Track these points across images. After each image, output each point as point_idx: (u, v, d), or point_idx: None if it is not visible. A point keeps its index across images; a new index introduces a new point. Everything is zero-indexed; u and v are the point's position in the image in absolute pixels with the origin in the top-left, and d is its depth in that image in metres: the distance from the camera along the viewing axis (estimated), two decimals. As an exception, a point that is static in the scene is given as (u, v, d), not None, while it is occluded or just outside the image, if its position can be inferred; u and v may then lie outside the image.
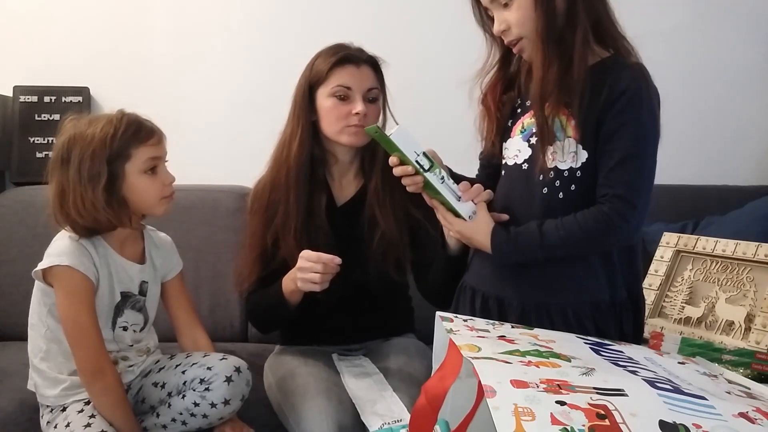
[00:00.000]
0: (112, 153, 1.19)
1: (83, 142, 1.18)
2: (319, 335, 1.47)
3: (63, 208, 1.20)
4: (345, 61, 1.36)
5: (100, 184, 1.17)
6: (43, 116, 2.08)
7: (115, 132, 1.19)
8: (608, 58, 1.13)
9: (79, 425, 1.18)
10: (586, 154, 1.11)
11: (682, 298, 1.54)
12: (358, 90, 1.36)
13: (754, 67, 2.25)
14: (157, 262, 1.37)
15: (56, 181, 1.20)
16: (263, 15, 2.17)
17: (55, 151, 1.22)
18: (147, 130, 1.24)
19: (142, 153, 1.22)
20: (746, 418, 0.66)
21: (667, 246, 1.67)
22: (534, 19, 1.08)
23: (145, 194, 1.24)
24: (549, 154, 1.12)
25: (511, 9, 1.10)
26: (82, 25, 2.14)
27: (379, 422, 1.16)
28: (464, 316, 0.93)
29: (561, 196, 1.13)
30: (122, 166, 1.20)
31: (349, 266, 1.29)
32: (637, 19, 2.21)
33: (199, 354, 1.31)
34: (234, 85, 2.18)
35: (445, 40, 2.17)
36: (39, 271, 1.21)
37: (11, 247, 1.88)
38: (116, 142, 1.19)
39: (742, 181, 2.17)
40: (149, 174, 1.23)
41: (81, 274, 1.19)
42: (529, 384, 0.65)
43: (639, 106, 1.07)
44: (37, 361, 1.28)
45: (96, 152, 1.17)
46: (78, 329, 1.19)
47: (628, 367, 0.77)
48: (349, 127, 1.36)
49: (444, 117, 2.12)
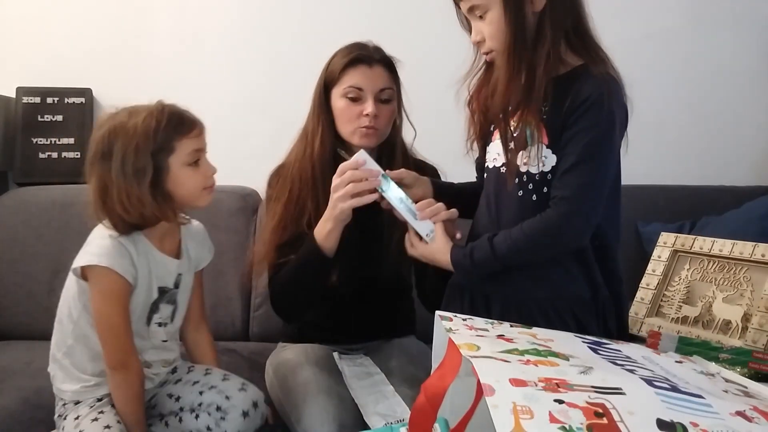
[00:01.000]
0: (156, 146, 1.15)
1: (125, 135, 1.14)
2: (320, 334, 1.47)
3: (106, 204, 1.15)
4: (357, 61, 1.35)
5: (146, 178, 1.14)
6: (46, 117, 2.09)
7: (158, 124, 1.15)
8: (579, 67, 1.16)
9: (88, 419, 1.19)
10: (555, 158, 1.14)
11: (680, 298, 1.55)
12: (369, 90, 1.35)
13: (751, 69, 2.26)
14: (192, 253, 1.35)
15: (97, 176, 1.15)
16: (264, 15, 2.17)
17: (95, 145, 1.17)
18: (189, 121, 1.21)
19: (185, 145, 1.18)
20: (743, 417, 0.66)
21: (665, 246, 1.68)
22: (504, 32, 1.12)
23: (189, 186, 1.20)
24: (521, 158, 1.16)
25: (485, 21, 1.14)
26: (84, 27, 2.14)
27: (381, 422, 1.17)
28: (463, 316, 0.93)
29: (534, 198, 1.16)
30: (166, 159, 1.17)
31: (365, 261, 1.29)
32: (636, 21, 2.25)
33: (218, 375, 1.31)
34: (236, 86, 2.19)
35: (445, 39, 2.17)
36: (78, 267, 1.18)
37: (14, 247, 1.89)
38: (159, 134, 1.15)
39: (740, 182, 2.18)
40: (192, 166, 1.20)
41: (118, 276, 1.16)
42: (527, 382, 0.65)
43: (598, 113, 1.10)
44: (60, 355, 1.26)
45: (140, 146, 1.13)
46: (110, 328, 1.18)
47: (626, 366, 0.77)
48: (361, 128, 1.35)
49: (443, 117, 2.13)
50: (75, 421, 1.20)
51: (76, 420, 1.20)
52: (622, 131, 1.20)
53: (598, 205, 1.13)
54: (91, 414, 1.20)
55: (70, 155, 2.10)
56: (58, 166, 2.09)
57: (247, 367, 1.56)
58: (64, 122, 2.10)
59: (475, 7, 1.15)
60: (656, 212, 2.01)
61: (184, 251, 1.33)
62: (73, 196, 1.95)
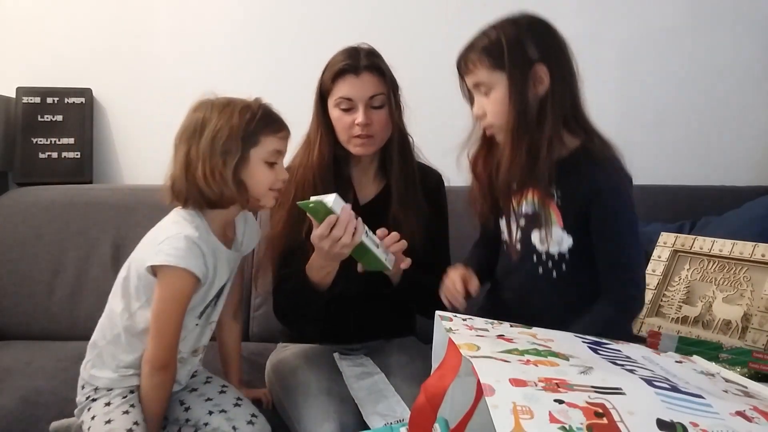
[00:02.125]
0: (246, 134, 1.19)
1: (221, 116, 1.20)
2: (321, 334, 1.47)
3: (188, 177, 1.18)
4: (344, 72, 1.35)
5: (233, 160, 1.18)
6: (46, 117, 2.09)
7: (253, 115, 1.21)
8: (579, 149, 1.22)
9: (120, 410, 1.19)
10: (571, 240, 1.21)
11: (680, 298, 1.55)
12: (360, 99, 1.34)
13: (751, 69, 2.26)
14: (245, 241, 1.36)
15: (184, 151, 1.20)
16: (265, 16, 2.17)
17: (187, 121, 1.22)
18: (279, 122, 1.25)
19: (269, 143, 1.22)
20: (743, 417, 0.66)
21: (665, 246, 1.68)
22: (507, 112, 1.17)
23: (261, 182, 1.23)
24: (538, 238, 1.23)
25: (489, 99, 1.20)
26: (84, 26, 2.14)
27: (381, 422, 1.17)
28: (463, 315, 0.93)
29: (555, 275, 1.23)
30: (249, 149, 1.20)
31: None
32: (637, 20, 2.25)
33: (232, 398, 1.29)
34: (236, 86, 2.17)
35: (445, 39, 2.18)
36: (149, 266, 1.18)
37: (14, 247, 1.89)
38: (252, 124, 1.20)
39: (740, 182, 2.18)
40: (268, 165, 1.23)
41: (193, 277, 1.17)
42: (527, 382, 0.65)
43: (617, 198, 1.20)
44: (104, 342, 1.26)
45: (234, 129, 1.18)
46: (165, 327, 1.18)
47: (626, 366, 0.77)
48: (354, 138, 1.36)
49: (443, 116, 2.13)
50: (105, 408, 1.20)
51: (107, 406, 1.20)
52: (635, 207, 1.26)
53: (643, 277, 1.25)
54: (123, 405, 1.20)
55: (70, 155, 2.10)
56: (58, 166, 2.09)
57: (247, 367, 1.56)
58: (64, 122, 2.10)
59: (480, 84, 1.21)
60: (656, 212, 2.01)
61: (238, 240, 1.34)
62: (73, 196, 1.95)
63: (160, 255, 1.16)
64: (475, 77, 1.21)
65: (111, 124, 2.18)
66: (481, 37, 1.22)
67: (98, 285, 1.80)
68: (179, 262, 1.15)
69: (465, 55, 1.23)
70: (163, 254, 1.16)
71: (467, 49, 1.23)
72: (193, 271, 1.16)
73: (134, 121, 2.18)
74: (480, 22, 1.22)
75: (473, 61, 1.21)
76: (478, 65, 1.20)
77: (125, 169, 2.21)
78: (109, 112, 2.18)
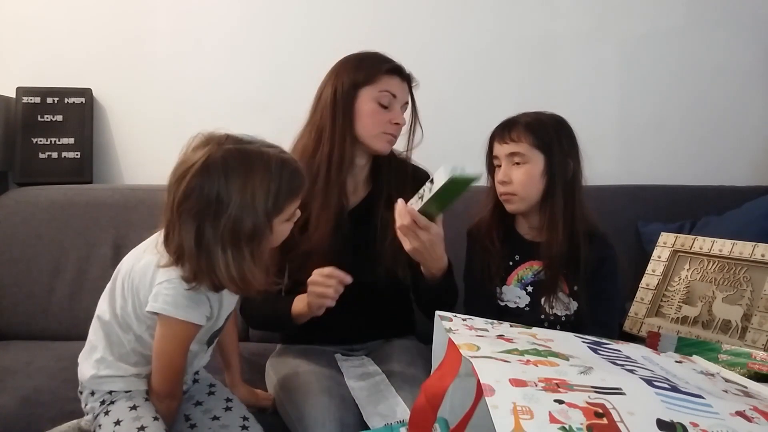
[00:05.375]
0: (269, 211, 1.07)
1: (241, 195, 1.05)
2: (321, 335, 1.47)
3: (205, 259, 1.06)
4: (395, 71, 1.39)
5: (261, 243, 1.08)
6: (46, 117, 2.09)
7: (278, 188, 1.07)
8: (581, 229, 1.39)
9: (150, 416, 1.15)
10: (576, 305, 1.40)
11: (680, 298, 1.55)
12: (401, 101, 1.40)
13: (752, 69, 2.26)
14: None
15: (194, 226, 1.06)
16: (264, 15, 2.17)
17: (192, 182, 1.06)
18: (301, 181, 1.12)
19: (291, 207, 1.11)
20: (743, 417, 0.66)
21: (665, 246, 1.68)
22: (536, 189, 1.36)
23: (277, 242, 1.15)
24: (547, 302, 1.40)
25: (521, 170, 1.35)
26: (84, 27, 2.14)
27: (382, 422, 1.17)
28: (463, 316, 0.93)
29: (559, 328, 1.36)
30: (272, 220, 1.09)
31: (359, 268, 1.30)
32: (638, 20, 2.25)
33: (238, 417, 1.26)
34: (236, 86, 2.19)
35: (445, 40, 2.18)
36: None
37: (14, 246, 1.89)
38: (280, 199, 1.08)
39: (739, 182, 2.18)
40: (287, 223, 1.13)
41: (194, 326, 1.12)
42: (527, 383, 0.65)
43: (613, 263, 1.42)
44: (112, 358, 1.19)
45: (258, 212, 1.06)
46: (168, 365, 1.14)
47: (625, 366, 0.77)
48: (386, 134, 1.39)
49: (442, 117, 2.13)
50: (132, 412, 1.15)
51: (134, 410, 1.15)
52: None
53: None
54: (151, 411, 1.16)
55: (70, 155, 2.10)
56: (58, 166, 2.09)
57: (248, 368, 1.56)
58: (64, 122, 2.10)
59: (517, 154, 1.35)
60: (656, 212, 2.01)
61: None
62: (73, 196, 1.95)
63: (158, 301, 1.09)
64: (516, 148, 1.35)
65: (111, 124, 2.18)
66: (523, 115, 1.38)
67: (98, 285, 1.77)
68: (179, 313, 1.08)
69: (509, 126, 1.37)
70: (161, 301, 1.08)
71: (511, 122, 1.38)
72: (193, 321, 1.10)
73: (134, 121, 2.17)
74: (480, 22, 1.22)
75: (518, 134, 1.35)
76: (522, 139, 1.34)
77: (125, 169, 2.20)
78: (109, 112, 2.18)
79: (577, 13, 2.22)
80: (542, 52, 2.22)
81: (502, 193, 1.39)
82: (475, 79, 2.18)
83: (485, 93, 2.18)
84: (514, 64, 2.21)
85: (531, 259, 1.42)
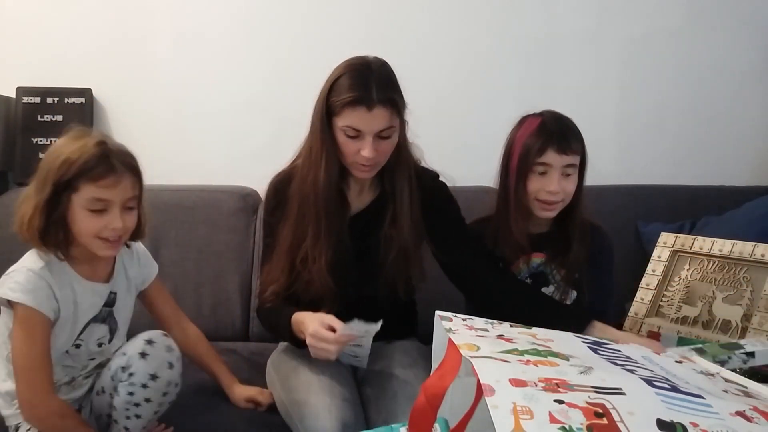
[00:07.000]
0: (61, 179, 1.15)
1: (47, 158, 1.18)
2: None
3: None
4: (357, 102, 1.27)
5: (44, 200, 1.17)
6: (46, 117, 2.09)
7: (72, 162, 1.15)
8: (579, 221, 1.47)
9: None
10: (575, 293, 1.47)
11: (680, 298, 1.55)
12: (368, 132, 1.29)
13: (751, 69, 2.26)
14: (130, 273, 1.34)
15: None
16: (265, 16, 2.17)
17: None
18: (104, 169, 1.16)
19: (88, 190, 1.16)
20: (743, 417, 0.66)
21: (665, 246, 1.68)
22: (575, 193, 1.44)
23: (84, 229, 1.18)
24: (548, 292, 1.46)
25: (569, 180, 1.40)
26: (85, 27, 2.14)
27: None
28: (463, 316, 0.93)
29: None
30: (70, 195, 1.16)
31: (362, 281, 1.29)
32: (638, 20, 2.25)
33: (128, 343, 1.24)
34: (236, 86, 2.19)
35: (444, 40, 2.18)
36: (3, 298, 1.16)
37: (14, 246, 1.88)
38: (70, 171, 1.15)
39: (740, 182, 2.18)
40: (93, 213, 1.17)
41: (38, 313, 1.14)
42: (527, 383, 0.65)
43: (610, 253, 1.51)
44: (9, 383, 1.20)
45: (50, 173, 1.16)
46: (27, 366, 1.14)
47: (625, 366, 0.77)
48: (357, 164, 1.34)
49: (442, 117, 2.14)
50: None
51: None
52: None
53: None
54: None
55: (70, 155, 2.10)
56: (58, 166, 2.09)
57: (248, 367, 1.56)
58: (64, 122, 2.09)
59: (572, 165, 1.39)
60: (656, 212, 2.01)
61: (118, 272, 1.31)
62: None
63: (3, 287, 1.15)
64: (574, 160, 1.39)
65: (111, 124, 2.18)
66: (568, 120, 1.41)
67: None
68: (19, 297, 1.13)
69: (566, 136, 1.38)
70: (6, 287, 1.14)
71: (567, 131, 1.39)
72: (35, 306, 1.13)
73: (134, 121, 2.17)
74: (480, 22, 1.22)
75: (577, 145, 1.39)
76: (578, 150, 1.39)
77: (125, 169, 2.20)
78: (109, 112, 2.18)
79: (577, 13, 2.22)
80: (542, 52, 2.22)
81: (548, 201, 1.39)
82: (475, 79, 2.18)
83: (485, 93, 2.18)
84: (514, 64, 2.21)
85: (534, 252, 1.48)
